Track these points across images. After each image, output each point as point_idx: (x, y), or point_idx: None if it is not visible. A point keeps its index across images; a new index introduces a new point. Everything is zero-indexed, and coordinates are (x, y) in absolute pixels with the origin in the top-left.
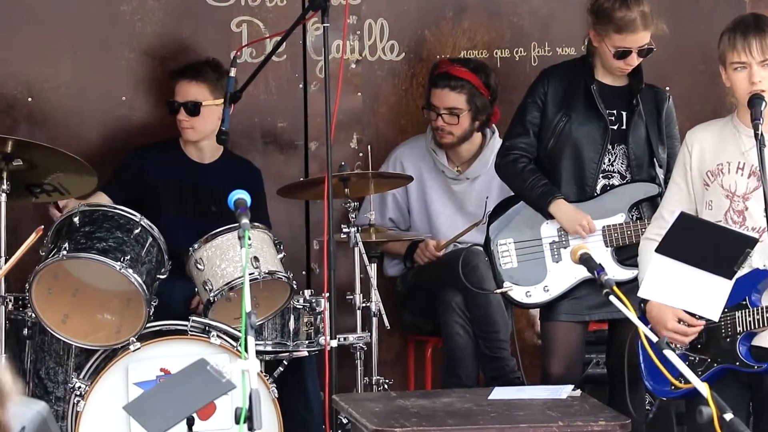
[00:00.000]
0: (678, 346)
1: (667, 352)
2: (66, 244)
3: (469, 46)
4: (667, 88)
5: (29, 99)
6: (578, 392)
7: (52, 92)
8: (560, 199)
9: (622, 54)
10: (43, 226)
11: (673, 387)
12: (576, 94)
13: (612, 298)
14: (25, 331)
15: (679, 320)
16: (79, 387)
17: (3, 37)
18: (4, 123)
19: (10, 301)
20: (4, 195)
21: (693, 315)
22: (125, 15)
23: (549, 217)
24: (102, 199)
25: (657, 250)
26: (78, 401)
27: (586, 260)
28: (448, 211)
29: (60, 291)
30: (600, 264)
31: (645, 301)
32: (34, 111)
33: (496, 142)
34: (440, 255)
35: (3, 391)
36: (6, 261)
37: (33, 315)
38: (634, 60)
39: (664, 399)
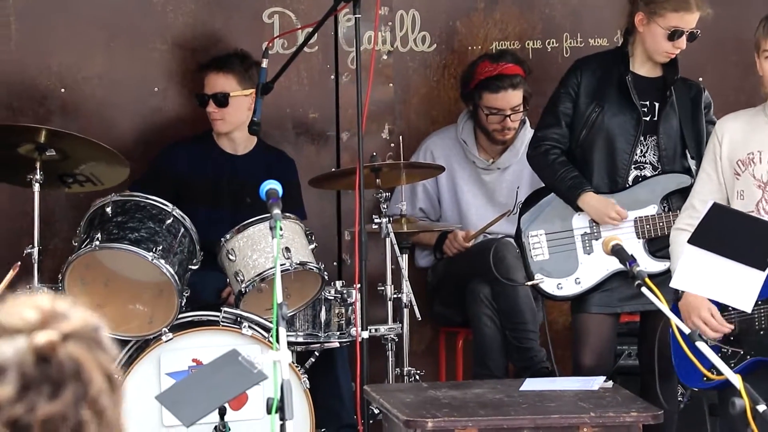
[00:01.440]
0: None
1: (700, 344)
2: (98, 235)
3: (500, 38)
4: (700, 79)
5: (62, 90)
6: (610, 383)
7: (85, 83)
8: (589, 192)
9: (675, 34)
10: (19, 263)
11: (705, 378)
12: (609, 84)
13: (644, 289)
14: None
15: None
16: None
17: (36, 29)
18: (37, 113)
19: (44, 291)
20: (37, 185)
21: (726, 310)
22: (157, 6)
23: (579, 209)
24: None
25: (689, 241)
26: None
27: (618, 251)
28: (478, 202)
29: (92, 281)
30: (632, 255)
31: (681, 294)
32: (67, 102)
33: (527, 133)
34: (469, 246)
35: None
36: (40, 251)
37: None
38: (683, 43)
39: (697, 390)
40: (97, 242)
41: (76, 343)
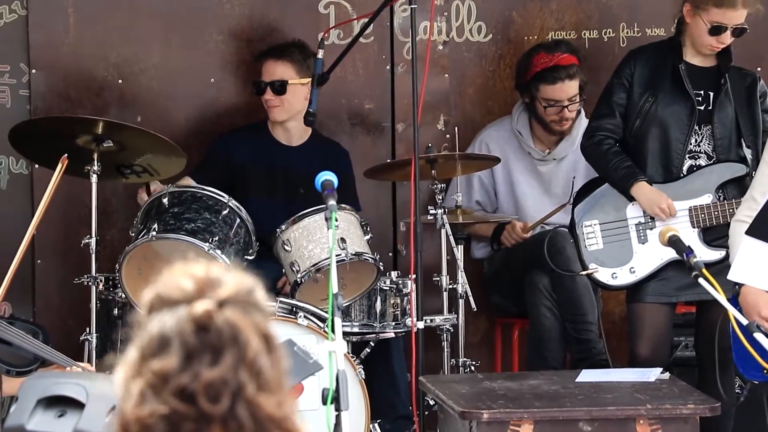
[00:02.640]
0: None
1: (758, 336)
2: (155, 225)
3: (556, 27)
4: (758, 69)
5: (119, 81)
6: (667, 375)
7: (142, 74)
8: (642, 181)
9: (717, 30)
10: (66, 155)
11: (765, 371)
12: (663, 74)
13: (701, 280)
14: (116, 311)
15: None
16: None
17: (94, 20)
18: (95, 105)
19: (101, 281)
20: (95, 176)
21: None
22: None
23: (632, 198)
24: (188, 183)
25: (747, 233)
26: None
27: (675, 242)
28: (534, 193)
29: (149, 271)
30: (689, 246)
31: (740, 285)
32: (125, 93)
33: (582, 122)
34: (527, 237)
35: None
36: (97, 241)
37: (123, 295)
38: (727, 38)
39: (755, 382)
40: (154, 233)
41: (231, 309)
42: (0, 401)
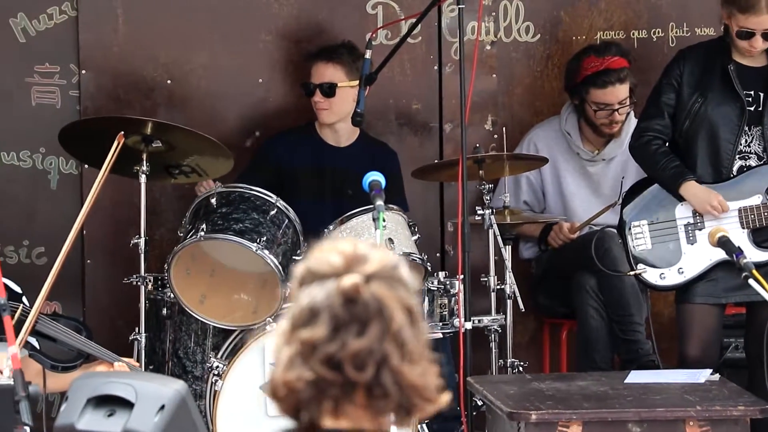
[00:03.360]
0: None
1: None
2: (203, 225)
3: (605, 27)
4: None
5: (168, 81)
6: (716, 376)
7: (191, 75)
8: (691, 181)
9: (746, 35)
10: (123, 132)
11: None
12: (712, 74)
13: (752, 281)
14: (165, 311)
15: None
16: (217, 366)
17: (143, 21)
18: (144, 105)
19: (150, 281)
20: (143, 176)
21: None
22: None
23: (681, 198)
24: None
25: None
26: (216, 380)
27: (724, 243)
28: (583, 193)
29: (198, 271)
30: (739, 247)
31: None
32: (174, 93)
33: (632, 123)
34: (574, 237)
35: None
36: (146, 242)
37: (172, 295)
38: (759, 43)
39: None
40: (202, 233)
41: (377, 283)
42: (44, 397)
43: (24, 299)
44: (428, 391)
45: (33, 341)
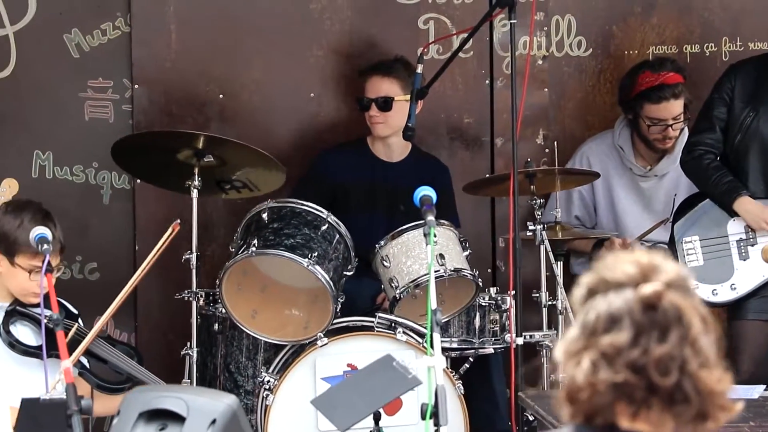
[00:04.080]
0: None
1: None
2: (255, 241)
3: (657, 42)
4: None
5: (220, 96)
6: None
7: (243, 89)
8: (745, 196)
9: None
10: (179, 220)
11: None
12: (764, 88)
13: None
14: (216, 326)
15: None
16: (268, 381)
17: (196, 36)
18: (196, 120)
19: (202, 296)
20: (195, 191)
21: None
22: (315, 13)
23: (734, 214)
24: None
25: None
26: (267, 395)
27: None
28: (635, 209)
29: (249, 287)
30: None
31: None
32: (225, 108)
33: (684, 138)
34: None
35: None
36: (197, 257)
37: (223, 310)
38: None
39: None
40: (254, 248)
41: (674, 292)
42: (90, 418)
43: (80, 320)
44: (724, 398)
45: (83, 360)
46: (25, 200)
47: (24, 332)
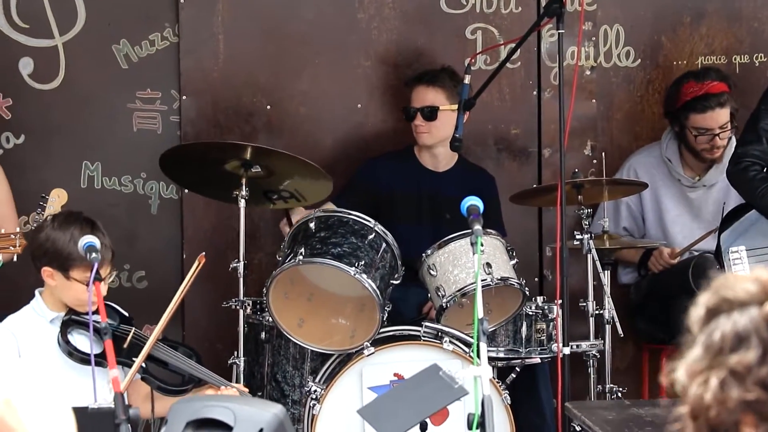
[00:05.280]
0: None
1: None
2: (302, 249)
3: (706, 52)
4: None
5: (268, 107)
6: None
7: (290, 100)
8: None
9: None
10: (204, 253)
11: None
12: None
13: None
14: (263, 335)
15: None
16: (315, 390)
17: (243, 47)
18: (243, 130)
19: (249, 305)
20: (243, 201)
21: None
22: (362, 23)
23: None
24: (329, 207)
25: None
26: (314, 404)
27: None
28: (683, 219)
29: (296, 295)
30: None
31: None
32: (272, 118)
33: (733, 147)
34: (674, 263)
35: None
36: (244, 266)
37: (270, 319)
38: None
39: None
40: (301, 257)
41: None
42: (154, 420)
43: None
44: None
45: (143, 363)
46: (68, 212)
47: (81, 341)
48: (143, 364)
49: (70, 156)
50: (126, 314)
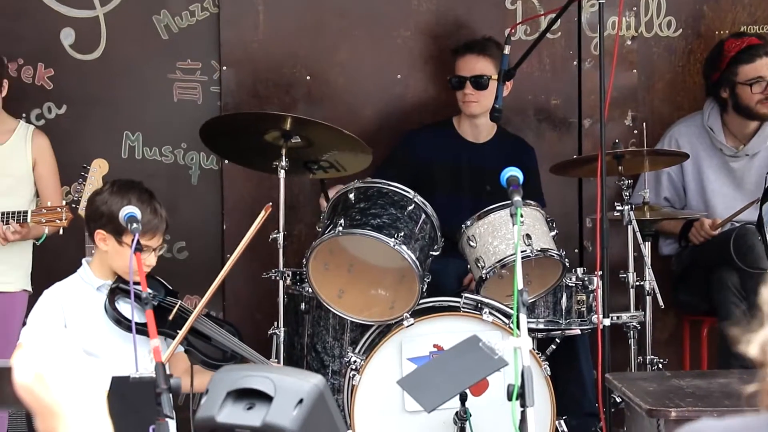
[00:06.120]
0: None
1: None
2: (342, 220)
3: (749, 21)
4: None
5: (308, 78)
6: None
7: (330, 71)
8: None
9: None
10: (271, 203)
11: None
12: None
13: None
14: (303, 306)
15: None
16: (355, 361)
17: (283, 17)
18: (283, 101)
19: (288, 276)
20: (283, 171)
21: None
22: None
23: None
24: None
25: None
26: (354, 375)
27: None
28: (725, 190)
29: (336, 266)
30: None
31: None
32: (312, 89)
33: None
34: (716, 234)
35: None
36: (284, 237)
37: (310, 290)
38: None
39: None
40: (340, 228)
41: None
42: (191, 395)
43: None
44: None
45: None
46: (129, 180)
47: (127, 309)
48: (187, 337)
49: (111, 126)
50: (171, 288)
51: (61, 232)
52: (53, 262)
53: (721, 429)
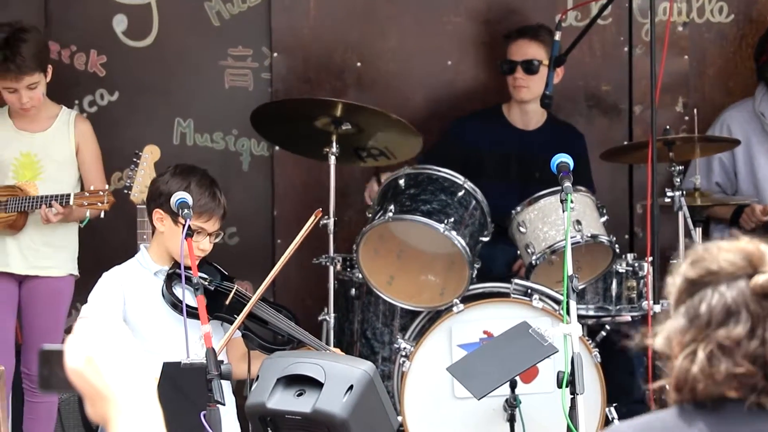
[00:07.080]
0: None
1: None
2: (392, 206)
3: None
4: None
5: (358, 64)
6: None
7: (380, 57)
8: None
9: None
10: (321, 209)
11: None
12: None
13: None
14: (353, 292)
15: None
16: (405, 348)
17: (334, 4)
18: (334, 87)
19: (339, 261)
20: (333, 158)
21: None
22: None
23: None
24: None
25: None
26: (403, 362)
27: None
28: None
29: (385, 252)
30: None
31: None
32: (363, 75)
33: None
34: (767, 220)
35: None
36: (334, 223)
37: (360, 276)
38: None
39: None
40: (390, 214)
41: None
42: (248, 380)
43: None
44: None
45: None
46: (192, 165)
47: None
48: (244, 322)
49: (163, 113)
50: (226, 273)
51: (102, 215)
52: (101, 247)
53: (626, 427)
